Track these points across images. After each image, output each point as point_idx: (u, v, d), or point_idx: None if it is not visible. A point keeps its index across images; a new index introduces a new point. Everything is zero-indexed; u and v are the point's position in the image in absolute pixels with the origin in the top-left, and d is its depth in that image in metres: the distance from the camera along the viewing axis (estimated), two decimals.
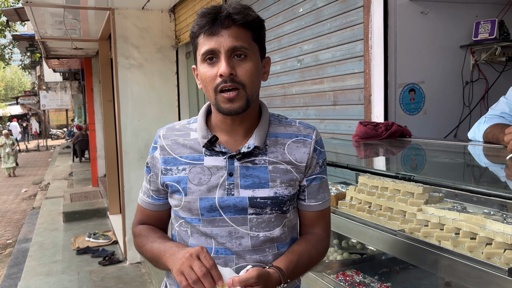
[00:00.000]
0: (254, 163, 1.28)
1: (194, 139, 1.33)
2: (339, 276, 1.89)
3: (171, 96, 6.26)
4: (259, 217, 1.28)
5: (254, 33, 1.25)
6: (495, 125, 1.77)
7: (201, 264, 1.12)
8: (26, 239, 7.59)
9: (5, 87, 48.12)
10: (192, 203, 1.28)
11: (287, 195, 1.29)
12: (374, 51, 2.58)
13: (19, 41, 12.81)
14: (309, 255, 1.33)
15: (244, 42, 1.21)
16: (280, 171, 1.29)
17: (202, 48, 1.23)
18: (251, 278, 1.12)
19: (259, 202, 1.26)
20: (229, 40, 1.19)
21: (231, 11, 1.20)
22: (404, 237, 1.46)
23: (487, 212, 1.41)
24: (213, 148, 1.29)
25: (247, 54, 1.22)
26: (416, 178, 1.36)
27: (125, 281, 5.46)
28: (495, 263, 1.17)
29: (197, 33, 1.24)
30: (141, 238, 1.40)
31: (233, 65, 1.21)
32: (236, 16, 1.20)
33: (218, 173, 1.28)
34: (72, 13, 6.32)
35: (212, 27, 1.20)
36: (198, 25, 1.23)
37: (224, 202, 1.26)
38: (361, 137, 2.19)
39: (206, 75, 1.23)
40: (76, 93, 16.96)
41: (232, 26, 1.20)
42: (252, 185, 1.27)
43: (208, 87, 1.24)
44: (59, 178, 13.43)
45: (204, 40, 1.22)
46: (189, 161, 1.30)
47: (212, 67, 1.22)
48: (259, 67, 1.27)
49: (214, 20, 1.20)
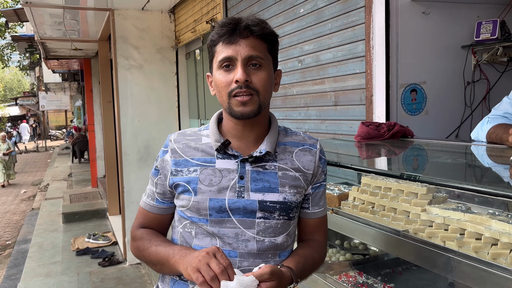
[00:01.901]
0: (265, 168, 1.33)
1: (206, 143, 1.36)
2: (342, 277, 1.89)
3: (170, 97, 6.25)
4: (266, 222, 1.31)
5: (270, 46, 1.32)
6: (498, 125, 1.76)
7: (218, 262, 1.14)
8: (26, 240, 7.57)
9: (4, 88, 48.07)
10: (201, 203, 1.29)
11: (294, 201, 1.34)
12: (375, 51, 2.57)
13: (18, 42, 12.78)
14: (313, 259, 1.38)
15: (260, 53, 1.28)
16: (289, 178, 1.33)
17: (219, 55, 1.28)
18: (265, 274, 1.15)
19: (268, 206, 1.30)
20: (247, 49, 1.25)
21: (249, 23, 1.27)
22: (408, 238, 1.45)
23: (492, 212, 1.41)
24: (226, 151, 1.32)
25: (262, 64, 1.28)
26: (421, 178, 1.36)
27: (124, 282, 5.45)
28: (501, 264, 1.17)
29: (216, 41, 1.30)
30: (143, 241, 1.39)
31: (249, 72, 1.26)
32: (254, 28, 1.27)
33: (229, 175, 1.31)
34: (72, 14, 6.32)
35: (231, 36, 1.26)
36: (218, 34, 1.29)
37: (234, 204, 1.29)
38: (363, 138, 2.19)
39: (221, 81, 1.28)
40: (75, 94, 16.94)
41: (250, 36, 1.26)
42: (262, 189, 1.30)
43: (222, 92, 1.29)
44: (59, 179, 13.41)
45: (222, 48, 1.28)
46: (201, 163, 1.33)
47: (228, 74, 1.27)
48: (272, 77, 1.33)
49: (233, 30, 1.26)
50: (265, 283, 1.15)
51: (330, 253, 2.14)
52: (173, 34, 6.16)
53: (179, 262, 1.24)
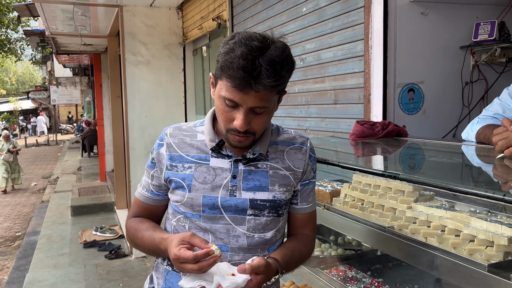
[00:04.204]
0: (257, 167, 1.37)
1: (201, 140, 1.40)
2: (332, 271, 1.94)
3: (177, 93, 6.32)
4: (256, 219, 1.36)
5: (281, 89, 1.27)
6: (487, 126, 1.80)
7: (187, 263, 1.19)
8: (35, 232, 7.71)
9: (17, 81, 48.57)
10: (195, 200, 1.34)
11: (284, 199, 1.38)
12: (374, 51, 2.61)
13: (31, 36, 12.94)
14: (300, 252, 1.42)
15: (267, 102, 1.23)
16: (279, 177, 1.38)
17: (225, 92, 1.22)
18: (261, 266, 1.21)
19: (259, 204, 1.35)
20: (254, 101, 1.20)
21: (264, 76, 1.16)
22: (393, 234, 1.50)
23: (473, 210, 1.45)
24: (220, 151, 1.37)
25: (266, 110, 1.25)
26: (401, 177, 1.41)
27: (130, 275, 5.54)
28: (476, 259, 1.21)
29: (227, 76, 1.19)
30: (137, 227, 1.44)
31: (250, 119, 1.24)
32: (269, 83, 1.17)
33: (222, 174, 1.35)
34: (82, 10, 6.40)
35: (243, 84, 1.17)
36: (230, 76, 1.18)
37: (227, 202, 1.34)
38: (358, 136, 2.23)
39: (222, 111, 1.26)
40: (86, 89, 17.10)
41: (261, 90, 1.18)
42: (253, 188, 1.35)
43: (221, 118, 1.29)
44: (68, 172, 13.58)
45: (231, 87, 1.20)
46: (196, 160, 1.37)
47: (230, 111, 1.24)
48: (274, 110, 1.30)
49: (248, 80, 1.16)
50: (256, 276, 1.20)
51: (322, 248, 2.19)
52: (181, 31, 6.22)
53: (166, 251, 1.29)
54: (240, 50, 1.16)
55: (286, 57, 1.21)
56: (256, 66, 1.15)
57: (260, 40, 1.19)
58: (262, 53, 1.17)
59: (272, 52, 1.18)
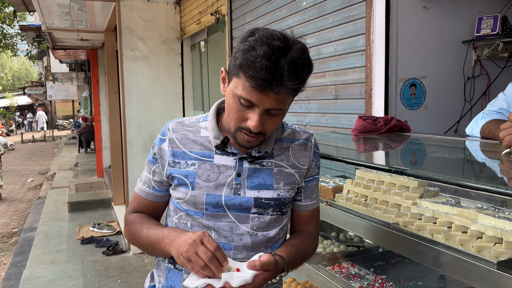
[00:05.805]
0: (262, 165, 1.35)
1: (205, 137, 1.36)
2: (335, 268, 1.92)
3: (175, 88, 6.29)
4: (260, 217, 1.34)
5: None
6: (492, 121, 1.78)
7: (206, 249, 1.16)
8: (32, 228, 7.67)
9: (13, 77, 48.33)
10: (199, 198, 1.32)
11: (288, 197, 1.36)
12: (375, 45, 2.58)
13: (27, 31, 12.85)
14: (304, 250, 1.40)
15: (284, 104, 1.20)
16: (284, 175, 1.36)
17: (243, 91, 1.17)
18: (271, 263, 1.19)
19: (263, 202, 1.33)
20: (272, 102, 1.17)
21: (286, 78, 1.12)
22: (398, 230, 1.48)
23: (480, 206, 1.43)
24: (224, 148, 1.33)
25: (280, 112, 1.22)
26: (408, 172, 1.38)
27: (128, 271, 5.52)
28: (485, 257, 1.19)
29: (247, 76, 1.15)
30: (135, 225, 1.41)
31: (264, 120, 1.21)
32: (291, 86, 1.13)
33: (227, 172, 1.32)
34: (79, 4, 6.35)
35: (264, 86, 1.13)
36: (252, 76, 1.13)
37: (231, 201, 1.31)
38: (360, 131, 2.21)
39: (236, 109, 1.22)
40: (83, 84, 17.02)
41: (282, 93, 1.15)
42: (257, 186, 1.32)
43: (231, 118, 1.25)
44: (65, 168, 13.53)
45: (250, 88, 1.16)
46: (199, 157, 1.34)
47: (244, 110, 1.21)
48: (286, 112, 1.27)
49: (270, 82, 1.12)
50: (264, 272, 1.18)
51: (324, 245, 2.17)
52: (179, 26, 6.18)
53: (169, 246, 1.26)
54: (262, 50, 1.11)
55: (306, 59, 1.17)
56: (279, 67, 1.11)
57: (281, 39, 1.14)
58: (284, 54, 1.12)
59: (293, 53, 1.13)
